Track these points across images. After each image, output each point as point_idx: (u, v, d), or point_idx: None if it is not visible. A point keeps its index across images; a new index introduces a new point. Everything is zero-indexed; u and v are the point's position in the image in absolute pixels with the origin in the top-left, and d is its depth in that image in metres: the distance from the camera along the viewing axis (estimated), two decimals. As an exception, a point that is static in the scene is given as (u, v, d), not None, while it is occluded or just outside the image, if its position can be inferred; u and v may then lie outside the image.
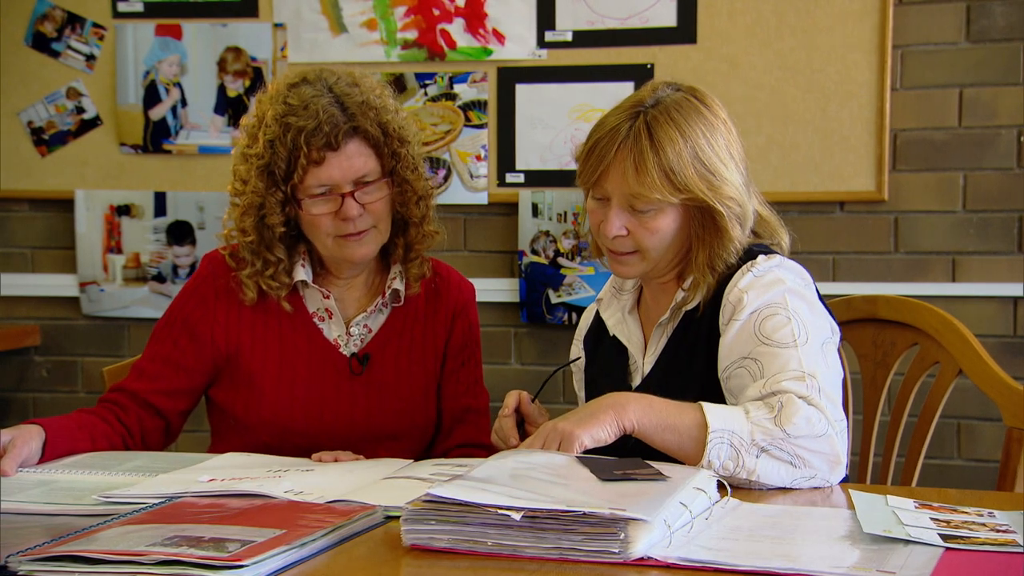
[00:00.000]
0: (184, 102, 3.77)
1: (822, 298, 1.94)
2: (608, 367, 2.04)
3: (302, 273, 2.14)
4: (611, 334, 2.05)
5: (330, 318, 2.17)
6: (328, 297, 2.16)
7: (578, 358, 2.14)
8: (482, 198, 3.63)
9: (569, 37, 3.55)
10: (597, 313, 2.10)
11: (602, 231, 1.91)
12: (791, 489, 1.71)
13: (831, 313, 1.95)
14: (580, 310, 3.52)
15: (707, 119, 1.90)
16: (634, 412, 1.71)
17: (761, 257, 1.89)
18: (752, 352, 1.81)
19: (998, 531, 1.48)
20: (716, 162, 1.88)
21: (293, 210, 2.09)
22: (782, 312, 1.82)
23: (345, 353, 2.16)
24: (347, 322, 2.17)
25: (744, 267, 1.88)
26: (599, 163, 1.88)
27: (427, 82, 3.63)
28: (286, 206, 2.09)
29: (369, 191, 2.07)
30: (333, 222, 2.07)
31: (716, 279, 1.90)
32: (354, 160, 2.05)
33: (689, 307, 1.92)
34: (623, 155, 1.86)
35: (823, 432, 1.70)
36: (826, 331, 1.88)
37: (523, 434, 1.91)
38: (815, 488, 1.71)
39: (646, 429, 1.71)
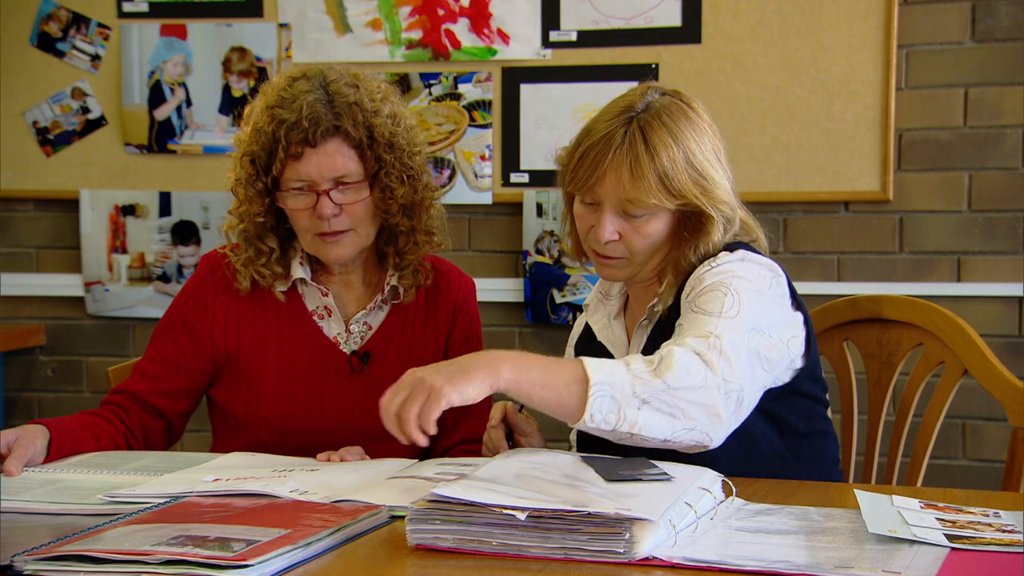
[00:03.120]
0: (189, 102, 3.78)
1: (798, 298, 1.92)
2: None
3: (300, 271, 2.14)
4: (598, 340, 2.05)
5: (329, 316, 2.17)
6: (327, 295, 2.16)
7: None
8: (486, 198, 3.64)
9: (574, 37, 3.55)
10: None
11: (593, 236, 1.91)
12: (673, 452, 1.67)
13: (806, 315, 1.92)
14: (585, 310, 3.53)
15: (695, 123, 1.91)
16: (508, 370, 1.61)
17: (723, 254, 1.88)
18: (683, 320, 1.81)
19: (1003, 531, 1.48)
20: (707, 166, 1.89)
21: (274, 202, 2.09)
22: (721, 289, 1.80)
23: (345, 351, 2.16)
24: (346, 320, 2.17)
25: (706, 262, 1.87)
26: (594, 169, 1.88)
27: (432, 82, 3.63)
28: (267, 197, 2.09)
29: (347, 192, 2.06)
30: (310, 219, 2.07)
31: (679, 276, 1.89)
32: (333, 158, 2.04)
33: (662, 307, 1.92)
34: (619, 161, 1.86)
35: (702, 384, 1.65)
36: (769, 323, 1.81)
37: (512, 444, 1.91)
38: (696, 444, 1.66)
39: (521, 387, 1.62)
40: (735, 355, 1.71)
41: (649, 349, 1.93)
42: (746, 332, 1.76)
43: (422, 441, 1.56)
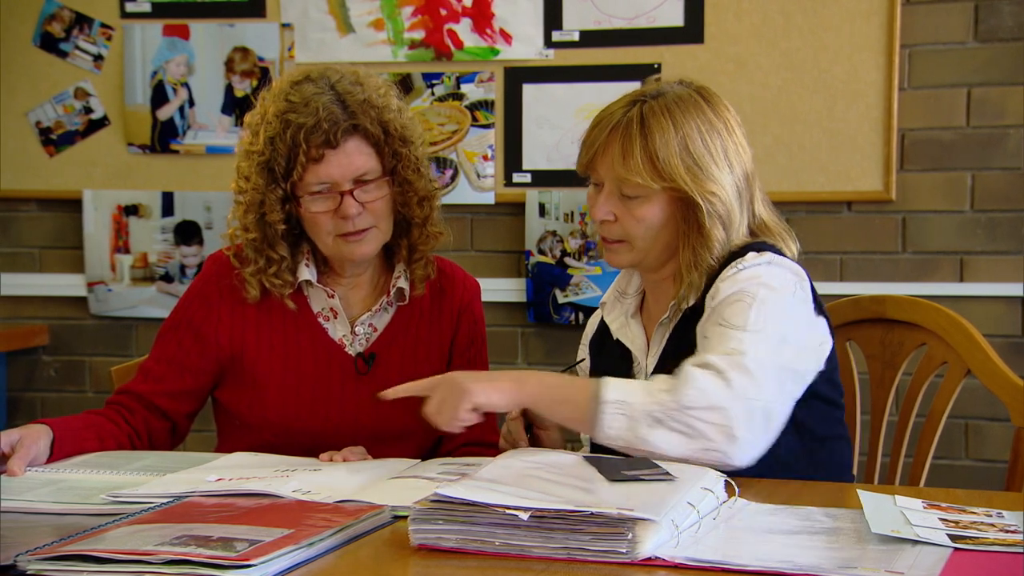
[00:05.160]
0: (192, 102, 3.78)
1: (820, 302, 1.92)
2: (612, 370, 2.03)
3: (306, 273, 2.14)
4: (615, 338, 2.05)
5: (335, 318, 2.16)
6: (333, 296, 2.15)
7: (582, 360, 2.14)
8: (489, 198, 3.64)
9: (576, 37, 3.55)
10: (602, 317, 2.11)
11: (592, 215, 1.95)
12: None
13: (828, 320, 1.92)
14: (587, 310, 3.52)
15: (707, 118, 1.91)
16: (532, 386, 1.75)
17: (751, 255, 1.88)
18: (707, 331, 1.82)
19: (1006, 531, 1.48)
20: (706, 159, 1.89)
21: (294, 208, 2.09)
22: (747, 299, 1.80)
23: (350, 353, 2.16)
24: (352, 321, 2.17)
25: (733, 263, 1.88)
26: (591, 147, 1.92)
27: (434, 82, 3.63)
28: (286, 203, 2.09)
29: (368, 190, 2.06)
30: (333, 220, 2.07)
31: (702, 277, 1.89)
32: (353, 158, 2.05)
33: (686, 305, 1.92)
34: (613, 139, 1.90)
35: (716, 404, 1.67)
36: (797, 332, 1.82)
37: (531, 437, 1.92)
38: (716, 464, 1.67)
39: (543, 402, 1.76)
40: (760, 372, 1.73)
41: (672, 347, 1.93)
42: (774, 345, 1.77)
43: (454, 429, 1.78)
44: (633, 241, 1.92)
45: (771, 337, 1.77)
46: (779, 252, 1.92)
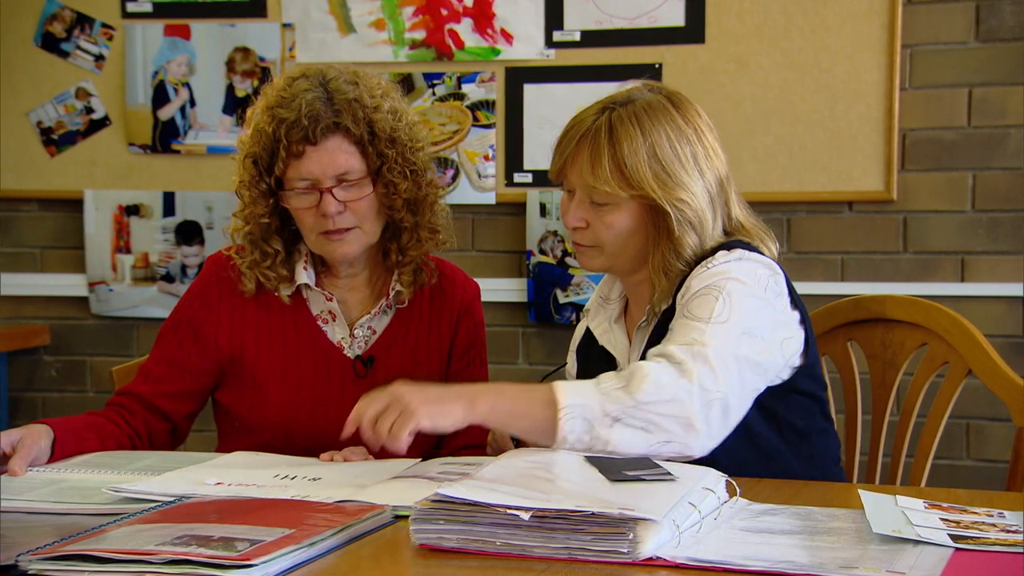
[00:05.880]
0: (193, 102, 3.78)
1: (795, 295, 1.91)
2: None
3: (304, 276, 2.14)
4: (599, 344, 2.05)
5: (333, 320, 2.16)
6: (331, 300, 2.15)
7: (564, 364, 2.16)
8: (490, 198, 3.64)
9: (577, 37, 3.55)
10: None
11: (564, 221, 1.96)
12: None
13: (805, 314, 1.91)
14: (588, 310, 3.53)
15: (677, 124, 1.91)
16: (485, 402, 1.69)
17: (721, 253, 1.88)
18: (673, 325, 1.82)
19: (1008, 532, 1.48)
20: (675, 165, 1.88)
21: (279, 202, 2.09)
22: (714, 292, 1.81)
23: (349, 355, 2.16)
24: (351, 324, 2.17)
25: (703, 263, 1.88)
26: (561, 155, 1.94)
27: (435, 82, 3.64)
28: (270, 197, 2.09)
29: (350, 189, 2.06)
30: (315, 218, 2.06)
31: (672, 282, 1.90)
32: (334, 156, 2.04)
33: (660, 308, 1.92)
34: (582, 148, 1.91)
35: (672, 396, 1.67)
36: (761, 325, 1.81)
37: (517, 443, 1.91)
38: (677, 455, 1.68)
39: (498, 417, 1.71)
40: (719, 363, 1.73)
41: (649, 349, 1.93)
42: (736, 337, 1.77)
43: (392, 448, 1.67)
44: (604, 247, 1.93)
45: (734, 329, 1.77)
46: (752, 249, 1.92)
